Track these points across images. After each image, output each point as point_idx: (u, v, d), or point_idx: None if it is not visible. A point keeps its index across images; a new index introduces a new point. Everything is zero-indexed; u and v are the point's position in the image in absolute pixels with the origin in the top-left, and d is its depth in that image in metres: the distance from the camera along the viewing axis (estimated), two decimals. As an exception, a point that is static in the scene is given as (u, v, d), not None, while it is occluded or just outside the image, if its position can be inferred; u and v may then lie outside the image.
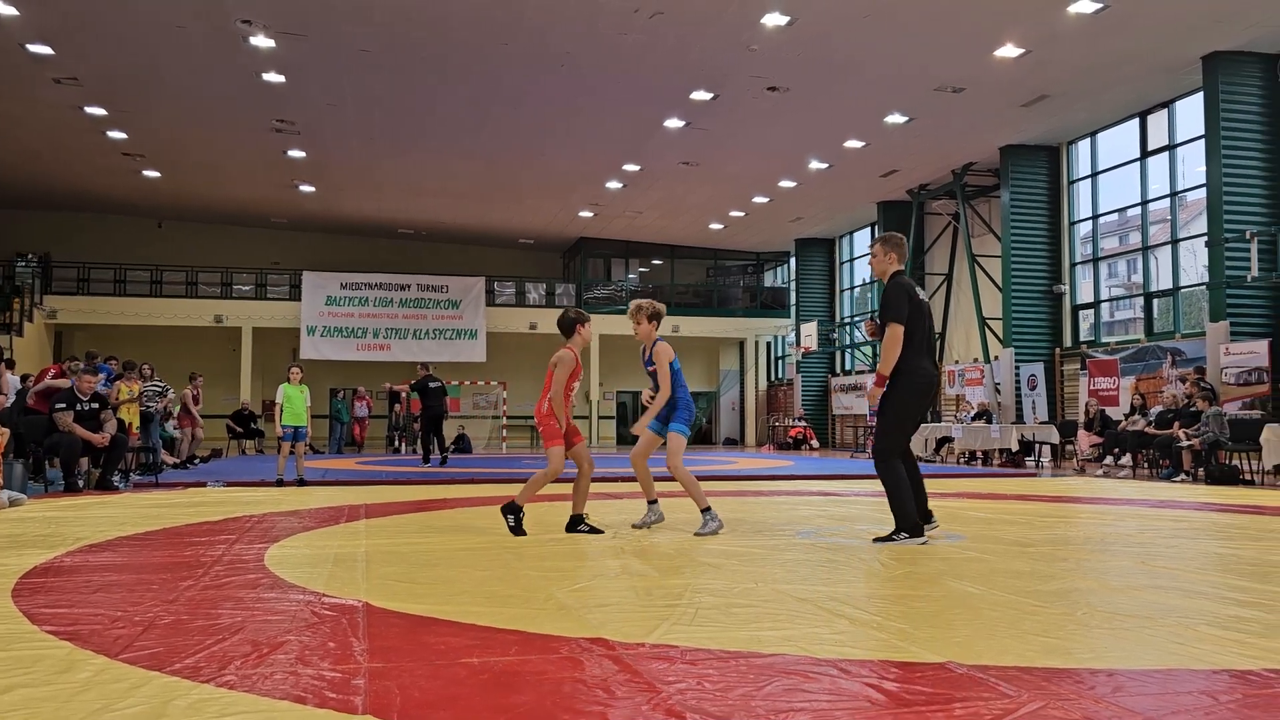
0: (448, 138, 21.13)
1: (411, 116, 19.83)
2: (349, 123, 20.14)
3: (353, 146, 21.93)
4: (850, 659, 2.91)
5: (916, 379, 5.66)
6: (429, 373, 16.76)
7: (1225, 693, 2.56)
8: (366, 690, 2.54)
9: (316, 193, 26.19)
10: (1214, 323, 15.14)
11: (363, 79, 17.56)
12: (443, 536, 6.12)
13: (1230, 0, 13.50)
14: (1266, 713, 2.37)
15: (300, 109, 19.23)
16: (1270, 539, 6.02)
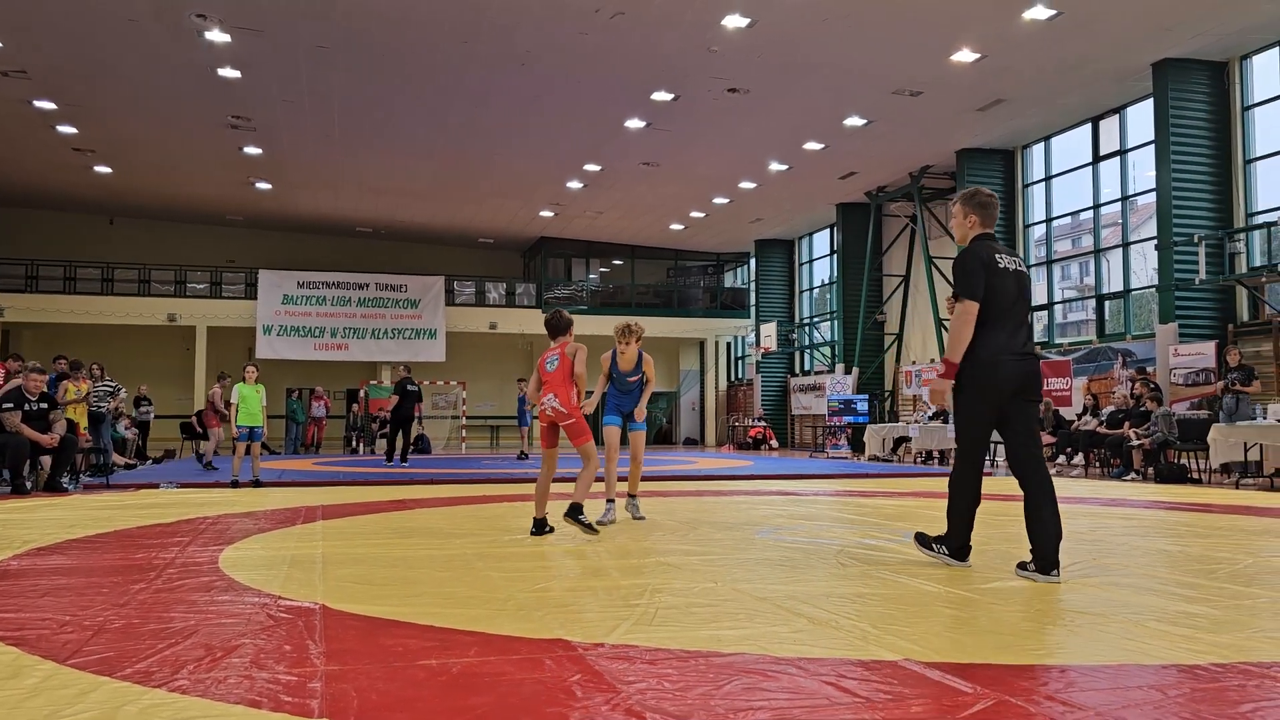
0: (407, 136, 20.97)
1: (370, 114, 19.64)
2: (307, 120, 19.91)
3: (310, 144, 21.68)
4: (808, 657, 2.93)
5: (979, 369, 4.52)
6: (408, 374, 17.10)
7: (1174, 687, 2.61)
8: (323, 693, 2.51)
9: (273, 190, 25.86)
10: (1163, 324, 15.44)
11: (321, 75, 17.36)
12: (402, 538, 6.07)
13: (1178, 9, 13.77)
14: (1214, 706, 2.42)
15: (257, 105, 18.98)
16: (1216, 536, 6.15)
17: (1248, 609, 3.72)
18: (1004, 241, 20.34)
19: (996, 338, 4.53)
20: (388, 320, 29.43)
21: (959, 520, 4.68)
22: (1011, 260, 4.67)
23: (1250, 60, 15.43)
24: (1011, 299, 4.58)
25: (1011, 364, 4.53)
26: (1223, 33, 14.53)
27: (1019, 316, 4.62)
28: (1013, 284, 4.61)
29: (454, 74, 17.14)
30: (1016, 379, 4.54)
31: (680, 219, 28.33)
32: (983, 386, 4.54)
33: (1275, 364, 14.30)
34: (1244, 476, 11.38)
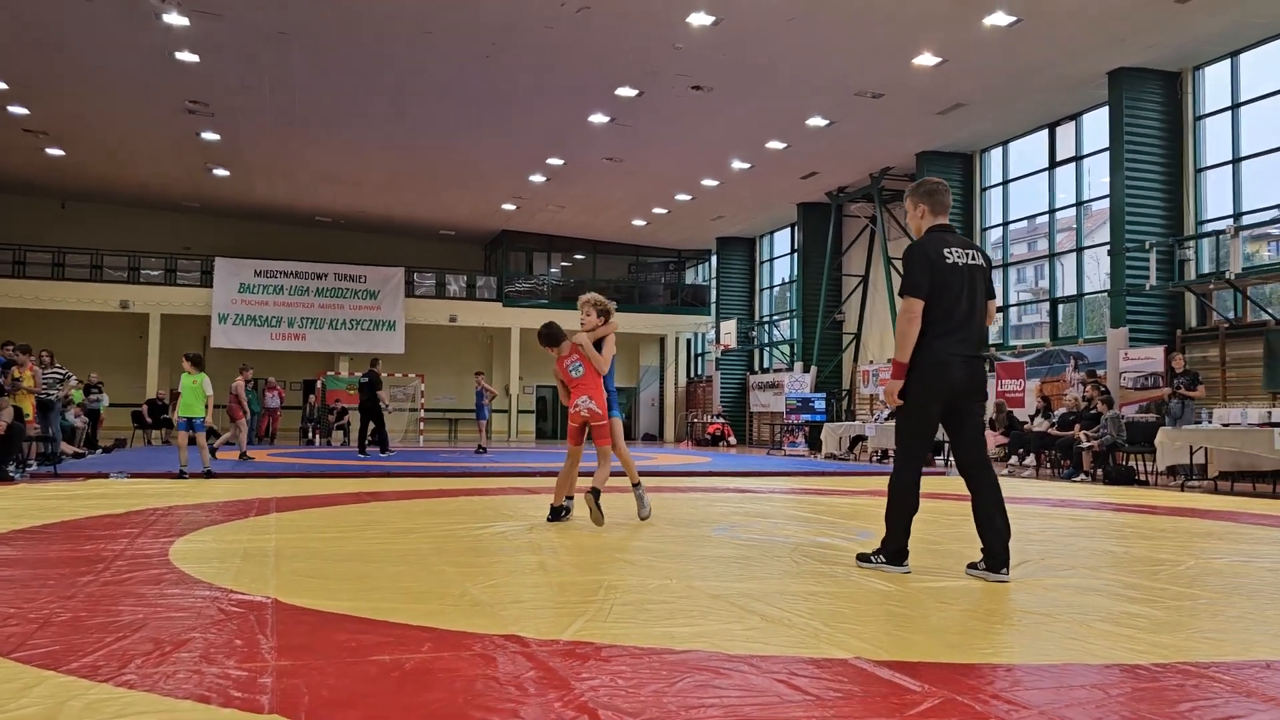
0: (368, 125, 20.77)
1: (331, 102, 19.44)
2: (266, 106, 19.65)
3: (269, 131, 21.40)
4: (761, 655, 2.95)
5: (925, 369, 4.45)
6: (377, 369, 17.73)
7: (1115, 686, 2.67)
8: (274, 689, 2.50)
9: (230, 177, 25.50)
10: (1114, 329, 15.74)
11: (281, 62, 17.15)
12: (357, 532, 6.03)
13: (1133, 20, 14.02)
14: (1153, 705, 2.48)
15: (215, 90, 18.70)
16: (1160, 538, 6.29)
17: (1188, 610, 3.81)
18: (961, 244, 20.75)
19: (946, 337, 4.43)
20: (346, 311, 29.18)
21: (897, 524, 4.55)
22: (965, 253, 4.54)
23: (1202, 71, 15.76)
24: (961, 295, 4.45)
25: (961, 365, 4.45)
26: (1176, 44, 14.82)
27: (971, 313, 4.49)
28: (964, 279, 4.48)
29: (416, 64, 17.02)
30: (965, 381, 4.47)
31: (642, 215, 28.36)
32: (930, 388, 4.46)
33: (1221, 369, 14.63)
34: (1189, 479, 11.64)
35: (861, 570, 4.62)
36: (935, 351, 4.43)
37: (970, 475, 4.54)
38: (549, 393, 34.78)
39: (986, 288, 4.61)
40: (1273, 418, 11.50)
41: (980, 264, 4.59)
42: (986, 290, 4.60)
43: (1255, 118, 15.10)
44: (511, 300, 31.39)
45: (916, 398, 4.50)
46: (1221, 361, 14.66)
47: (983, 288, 4.57)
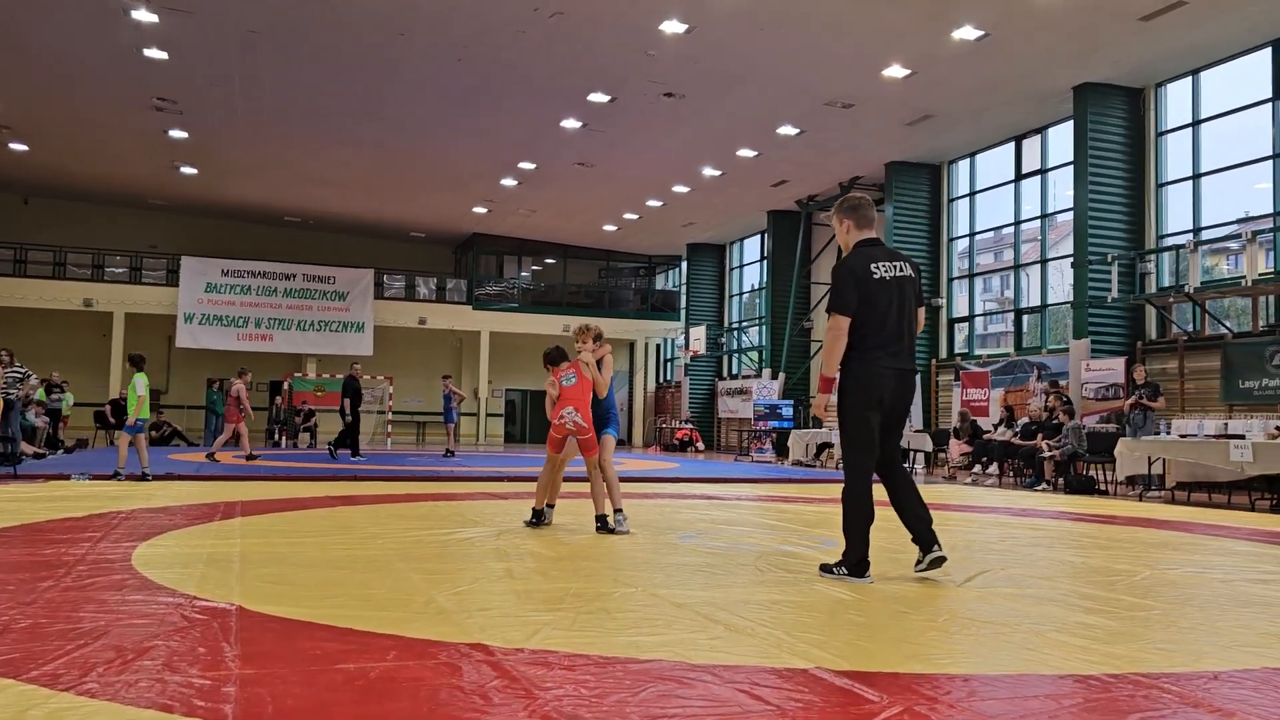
0: (339, 126, 20.66)
1: (302, 102, 19.32)
2: (236, 105, 19.49)
3: (239, 129, 21.22)
4: (724, 664, 2.99)
5: (858, 380, 4.60)
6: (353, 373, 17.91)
7: (1068, 696, 2.74)
8: (237, 698, 2.50)
9: (198, 175, 25.24)
10: (1077, 340, 15.97)
11: (251, 61, 17.02)
12: (322, 537, 6.01)
13: (1098, 36, 14.26)
14: (1104, 715, 2.55)
15: (183, 88, 18.52)
16: (1117, 548, 6.40)
17: (1141, 620, 3.89)
18: (927, 254, 21.00)
19: (877, 350, 4.57)
20: (314, 312, 28.96)
21: (855, 535, 4.64)
22: (891, 266, 4.66)
23: (1165, 88, 16.04)
24: (890, 308, 4.59)
25: (890, 376, 4.62)
26: (1139, 61, 15.09)
27: (901, 326, 4.63)
28: (892, 292, 4.61)
29: (388, 66, 16.96)
30: (896, 392, 4.65)
31: (613, 220, 28.40)
32: (867, 399, 4.60)
33: (1179, 381, 14.89)
34: (1148, 489, 11.84)
35: (822, 580, 4.68)
36: (868, 365, 4.58)
37: (887, 475, 4.76)
38: (518, 396, 34.71)
39: (916, 296, 4.75)
40: (1229, 429, 11.73)
41: (909, 275, 4.72)
42: (916, 298, 4.74)
43: (1215, 135, 15.39)
44: (481, 303, 31.29)
45: (854, 410, 4.63)
46: (1180, 373, 14.92)
47: (912, 298, 4.71)
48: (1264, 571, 5.46)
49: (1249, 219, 14.87)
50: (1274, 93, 14.29)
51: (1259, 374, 13.53)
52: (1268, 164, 14.44)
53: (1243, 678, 2.99)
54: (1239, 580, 5.10)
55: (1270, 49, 14.26)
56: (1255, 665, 3.15)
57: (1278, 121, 14.29)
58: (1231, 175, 15.17)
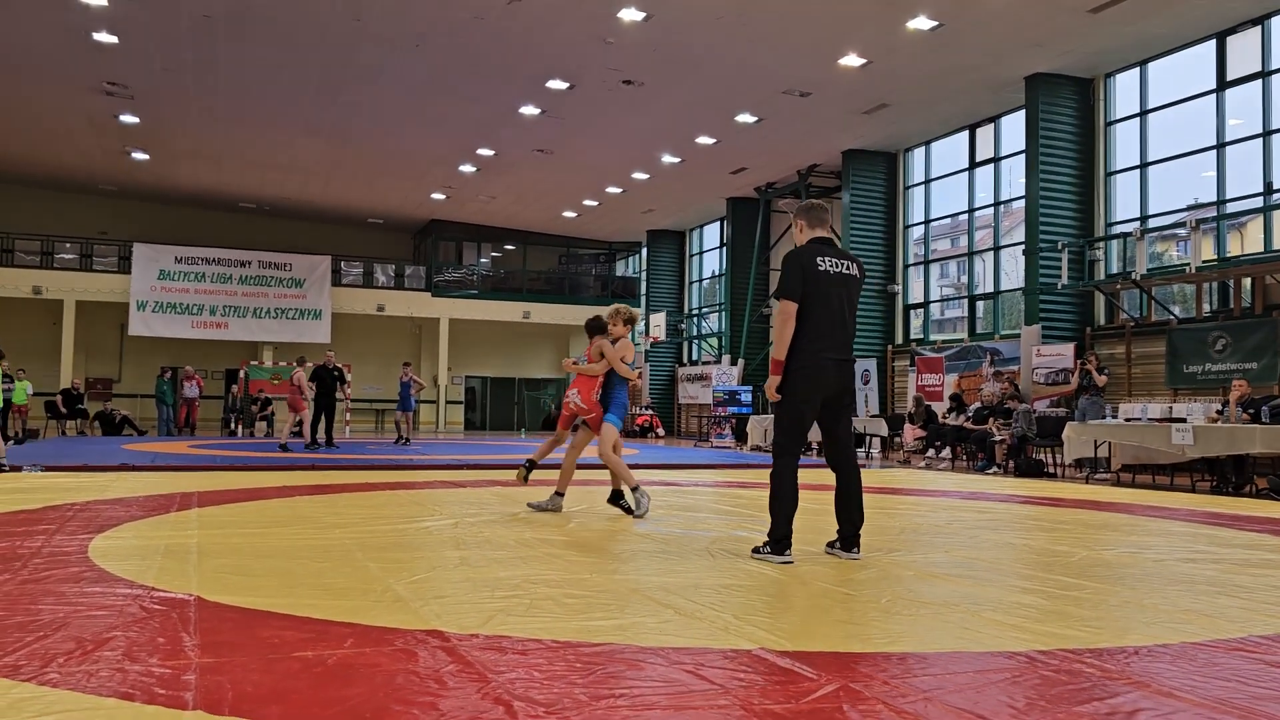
0: (295, 112, 20.47)
1: (257, 87, 19.10)
2: (188, 90, 19.23)
3: (192, 114, 20.94)
4: (673, 647, 3.11)
5: (799, 370, 4.80)
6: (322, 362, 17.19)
7: (996, 672, 2.88)
8: (197, 686, 2.57)
9: (151, 160, 24.87)
10: (1028, 326, 16.30)
11: (205, 45, 16.81)
12: (280, 527, 6.05)
13: (1048, 27, 14.51)
14: (1024, 689, 2.69)
15: (135, 72, 18.24)
16: (1059, 531, 6.62)
17: (1073, 599, 4.07)
18: (884, 241, 21.20)
19: (818, 340, 4.80)
20: (270, 299, 28.69)
21: (778, 515, 4.83)
22: (839, 263, 4.90)
23: (1114, 78, 16.36)
24: (831, 300, 4.82)
25: (830, 368, 4.83)
26: (1089, 52, 15.38)
27: (843, 318, 4.86)
28: (834, 286, 4.84)
29: (345, 51, 16.83)
30: (835, 382, 4.87)
31: (573, 207, 28.40)
32: (804, 387, 4.82)
33: (1127, 366, 15.26)
34: (1094, 472, 12.16)
35: (772, 564, 4.81)
36: (809, 354, 4.80)
37: (838, 469, 5.01)
38: (478, 383, 34.66)
39: (859, 295, 5.04)
40: (1173, 413, 12.07)
41: (854, 275, 4.98)
42: (858, 297, 5.04)
43: (1162, 125, 15.74)
44: (441, 290, 31.17)
45: (792, 397, 4.86)
46: (1127, 358, 15.29)
47: (855, 295, 4.99)
48: (1195, 551, 5.68)
49: (1196, 206, 15.24)
50: (1218, 84, 14.64)
51: (1202, 359, 13.91)
52: (1212, 153, 14.80)
53: (1161, 652, 3.16)
54: (1171, 560, 5.32)
55: (1214, 41, 14.61)
56: (1174, 640, 3.33)
57: (1222, 112, 14.65)
58: (1178, 164, 15.52)
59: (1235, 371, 12.90)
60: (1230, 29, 14.32)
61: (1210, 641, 3.32)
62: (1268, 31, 13.95)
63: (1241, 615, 3.78)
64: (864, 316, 21.06)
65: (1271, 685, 2.77)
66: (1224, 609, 3.91)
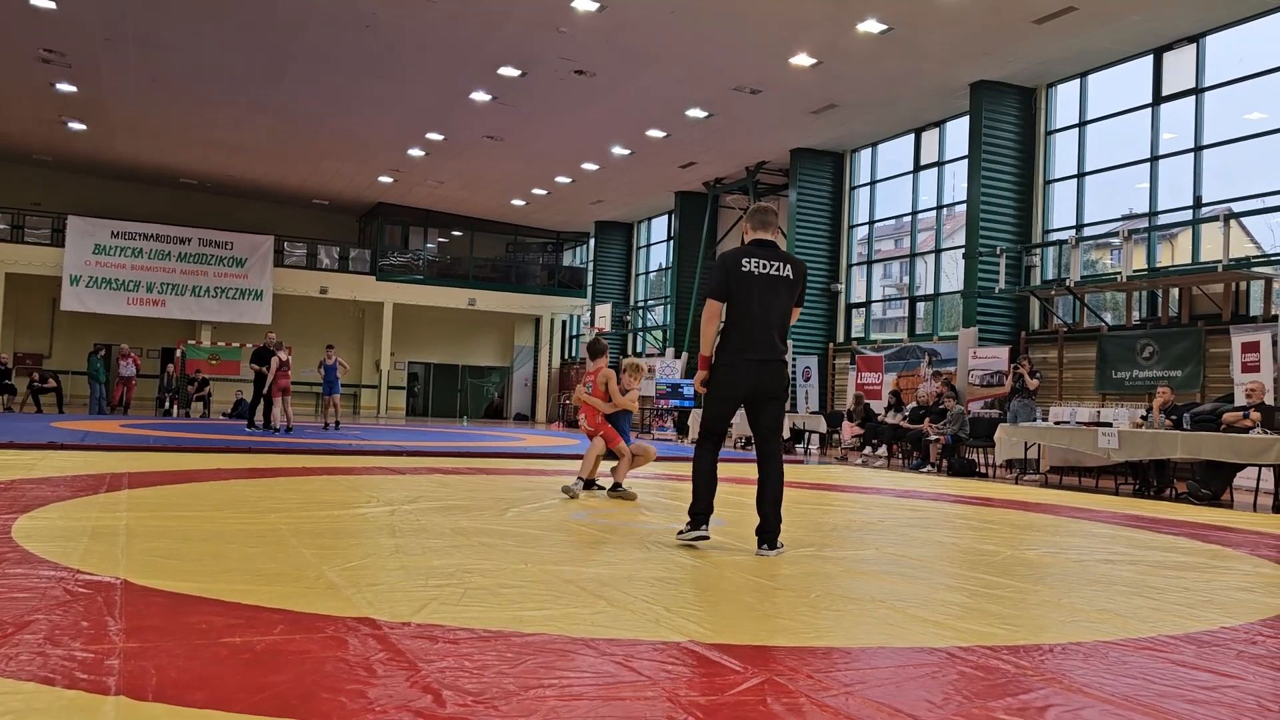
0: (240, 88, 20.09)
1: (200, 62, 18.71)
2: (129, 61, 18.78)
3: (133, 86, 20.45)
4: (604, 638, 3.14)
5: (721, 368, 5.03)
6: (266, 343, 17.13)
7: (915, 666, 2.97)
8: (120, 671, 2.54)
9: (88, 131, 24.24)
10: (965, 328, 16.62)
11: (147, 17, 16.43)
12: (213, 510, 5.97)
13: (994, 36, 14.80)
14: (941, 684, 2.78)
15: (73, 40, 17.76)
16: (987, 530, 6.79)
17: (995, 598, 4.19)
18: (829, 240, 21.41)
19: (740, 340, 4.96)
20: (210, 278, 28.19)
21: (696, 495, 5.12)
22: (769, 264, 5.00)
23: (1055, 89, 16.73)
24: (753, 302, 4.94)
25: (746, 365, 4.97)
26: (1033, 61, 15.70)
27: (766, 318, 4.97)
28: (760, 287, 4.96)
29: (293, 29, 16.57)
30: (750, 380, 5.00)
31: (522, 195, 28.28)
32: (725, 385, 5.03)
33: (1059, 370, 15.64)
34: (1024, 473, 12.46)
35: (708, 556, 4.88)
36: (730, 353, 4.99)
37: (760, 464, 5.13)
38: (421, 369, 34.39)
39: (793, 296, 5.12)
40: (1101, 418, 12.41)
41: (785, 276, 5.06)
42: (792, 298, 5.12)
43: (1099, 136, 16.14)
44: (385, 274, 30.86)
45: (713, 394, 5.10)
46: (1060, 363, 15.68)
47: (786, 295, 5.06)
48: (1114, 552, 5.87)
49: (1130, 217, 15.66)
50: (1153, 98, 15.04)
51: (1131, 365, 14.32)
52: (1146, 166, 15.22)
53: (1075, 649, 3.28)
54: (1090, 560, 5.49)
55: (1151, 57, 15.01)
56: (1088, 639, 3.45)
57: (1156, 126, 15.06)
58: (1114, 175, 15.93)
59: (1161, 378, 13.30)
60: (1167, 45, 14.73)
61: (1122, 640, 3.44)
62: (1202, 50, 14.37)
63: (1153, 615, 3.93)
64: (807, 314, 21.30)
65: (1176, 683, 2.89)
66: (1137, 609, 4.06)
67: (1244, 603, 4.30)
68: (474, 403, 34.08)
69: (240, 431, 15.69)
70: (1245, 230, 14.20)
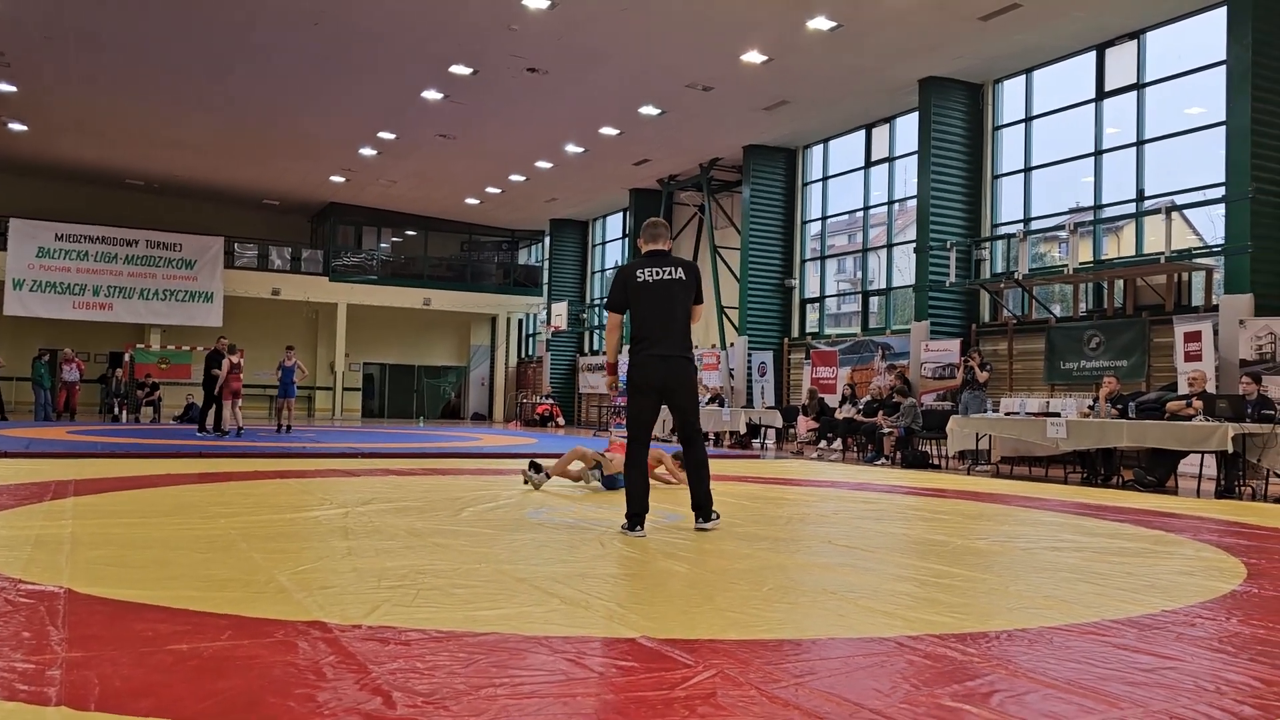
0: (186, 87, 19.76)
1: (145, 60, 18.38)
2: (71, 60, 18.39)
3: (75, 86, 20.03)
4: (557, 636, 3.15)
5: (632, 369, 5.51)
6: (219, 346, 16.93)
7: (865, 656, 3.01)
8: (62, 681, 2.50)
9: (29, 132, 23.70)
10: (918, 322, 16.83)
11: (89, 15, 16.10)
12: (162, 517, 5.88)
13: (942, 32, 14.98)
14: (889, 673, 2.82)
15: (11, 38, 17.36)
16: (937, 521, 6.88)
17: (944, 587, 4.25)
18: (783, 236, 21.53)
19: (643, 342, 5.48)
20: (159, 280, 27.71)
21: (633, 494, 5.48)
22: (661, 271, 5.51)
23: (1002, 85, 16.99)
24: (653, 307, 5.46)
25: (653, 362, 5.47)
26: (979, 57, 15.93)
27: (668, 321, 5.47)
28: (655, 293, 5.47)
29: (239, 27, 16.33)
30: (660, 377, 5.49)
31: (476, 194, 28.13)
32: (636, 383, 5.52)
33: (1009, 362, 15.89)
34: (976, 464, 12.65)
35: (662, 551, 4.90)
36: (636, 354, 5.52)
37: (685, 448, 5.73)
38: (376, 370, 34.09)
39: (689, 296, 5.58)
40: (1050, 408, 12.62)
41: (679, 278, 5.54)
42: (689, 298, 5.58)
43: (1045, 131, 16.41)
44: (339, 275, 30.54)
45: (630, 393, 5.59)
46: (1010, 354, 15.93)
47: (682, 296, 5.54)
48: (1061, 540, 5.98)
49: (1076, 210, 15.94)
50: (1097, 94, 15.33)
51: (1078, 356, 14.59)
52: (1091, 160, 15.50)
53: (1020, 636, 3.34)
54: (1038, 548, 5.59)
55: (1094, 53, 15.29)
56: (1034, 625, 3.51)
57: (1100, 121, 15.34)
58: (1060, 169, 16.21)
59: (1107, 369, 13.57)
60: (1109, 42, 15.01)
61: (1066, 626, 3.52)
62: (1143, 46, 14.67)
63: (1096, 601, 4.01)
64: (762, 309, 21.45)
65: (1117, 666, 2.96)
66: (1081, 595, 4.14)
67: (1184, 586, 4.41)
68: (430, 403, 33.85)
69: (191, 436, 15.45)
70: (1188, 222, 14.53)
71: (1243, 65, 12.36)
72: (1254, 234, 12.17)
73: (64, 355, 22.59)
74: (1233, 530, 6.71)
